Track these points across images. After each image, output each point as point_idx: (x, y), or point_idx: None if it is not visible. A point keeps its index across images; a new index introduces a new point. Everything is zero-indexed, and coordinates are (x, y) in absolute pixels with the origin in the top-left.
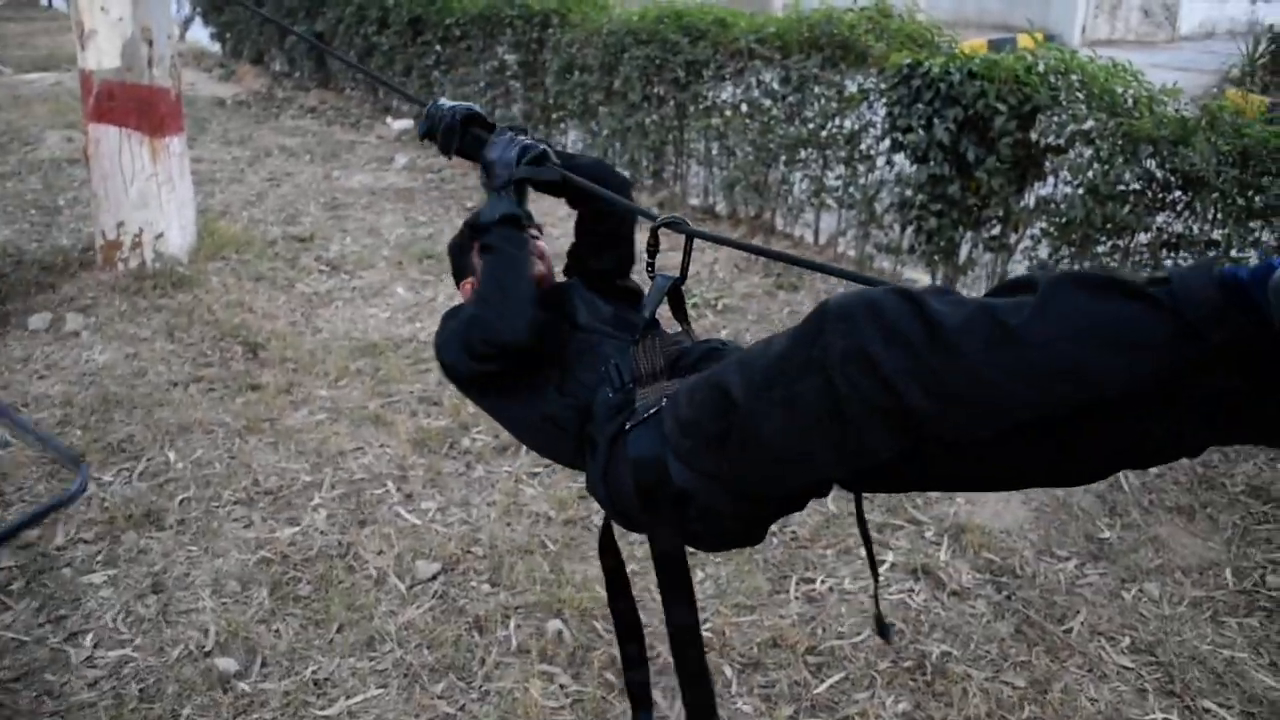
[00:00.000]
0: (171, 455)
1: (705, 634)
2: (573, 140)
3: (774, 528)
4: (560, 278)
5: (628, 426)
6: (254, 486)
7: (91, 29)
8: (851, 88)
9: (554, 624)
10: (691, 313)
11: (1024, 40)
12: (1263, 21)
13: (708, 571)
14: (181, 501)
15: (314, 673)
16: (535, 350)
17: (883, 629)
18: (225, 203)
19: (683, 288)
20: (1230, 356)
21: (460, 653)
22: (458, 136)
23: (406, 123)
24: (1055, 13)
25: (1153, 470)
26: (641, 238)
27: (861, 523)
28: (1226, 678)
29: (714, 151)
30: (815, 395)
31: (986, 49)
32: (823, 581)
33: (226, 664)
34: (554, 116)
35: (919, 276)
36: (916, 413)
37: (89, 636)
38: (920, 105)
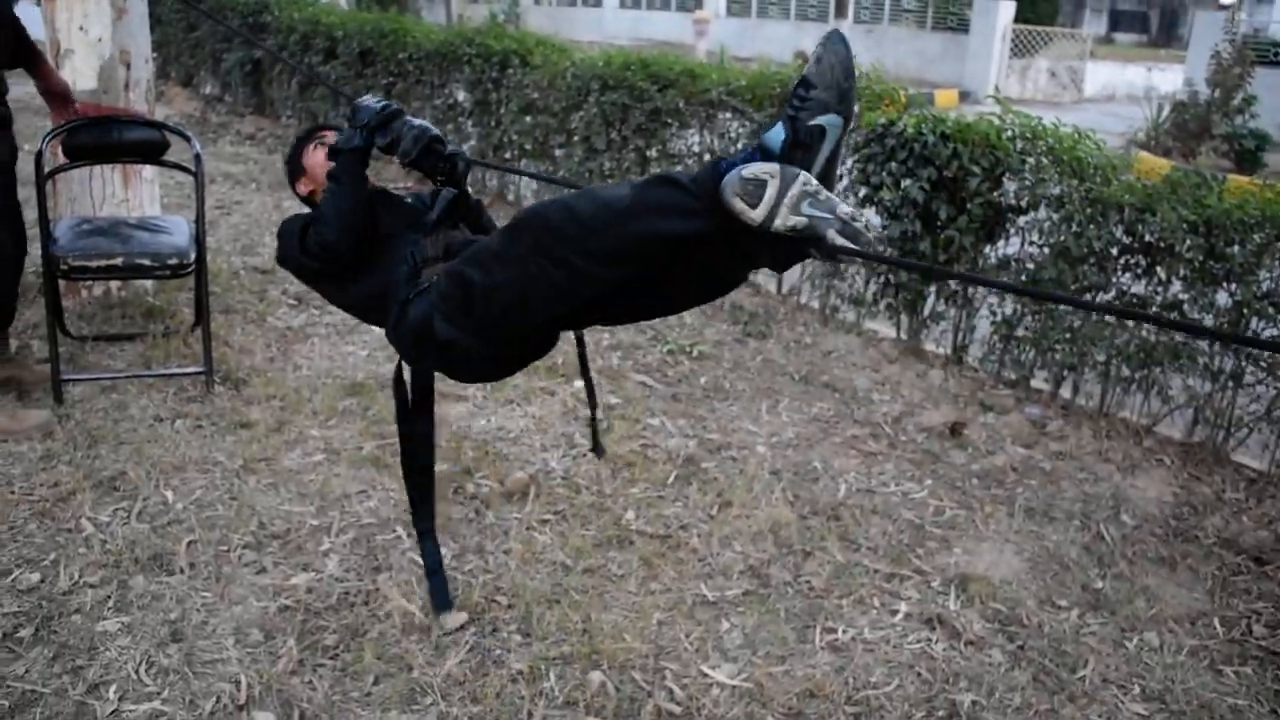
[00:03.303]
0: (169, 495)
1: (744, 684)
2: (528, 180)
3: (788, 576)
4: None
5: (410, 296)
6: (261, 530)
7: (68, 48)
8: None
9: (595, 675)
10: (668, 359)
11: (941, 96)
12: (1158, 88)
13: (733, 621)
14: (189, 545)
15: None
16: (352, 257)
17: (597, 447)
18: None
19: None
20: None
21: (505, 706)
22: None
23: None
24: (970, 70)
25: (1129, 522)
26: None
27: (581, 355)
28: None
29: None
30: (519, 271)
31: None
32: (844, 631)
33: (265, 718)
34: (508, 156)
35: (881, 328)
36: (591, 278)
37: (112, 688)
38: (894, 164)
